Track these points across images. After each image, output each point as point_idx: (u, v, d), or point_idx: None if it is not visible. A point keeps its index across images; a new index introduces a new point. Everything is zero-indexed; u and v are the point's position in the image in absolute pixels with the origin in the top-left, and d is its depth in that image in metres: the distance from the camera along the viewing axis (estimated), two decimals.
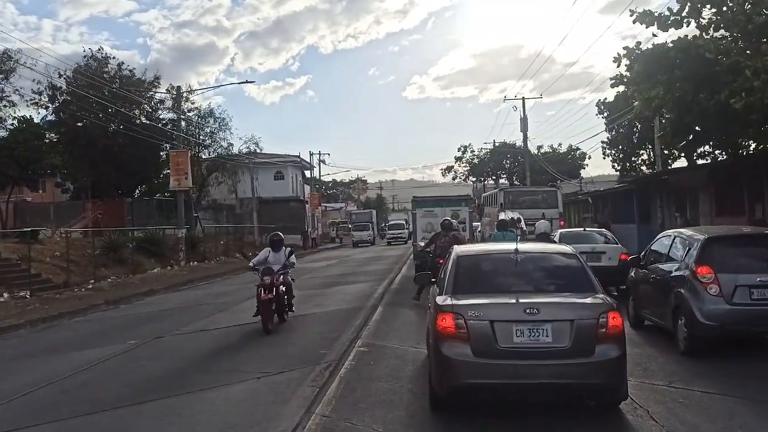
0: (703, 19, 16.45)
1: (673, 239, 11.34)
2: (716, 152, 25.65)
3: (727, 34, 16.97)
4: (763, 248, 10.19)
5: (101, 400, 8.59)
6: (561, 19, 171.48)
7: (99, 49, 40.43)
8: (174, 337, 13.43)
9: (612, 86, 18.94)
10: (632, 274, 12.83)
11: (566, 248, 8.36)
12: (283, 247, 14.32)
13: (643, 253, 12.68)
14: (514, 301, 6.97)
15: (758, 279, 9.50)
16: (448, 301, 7.15)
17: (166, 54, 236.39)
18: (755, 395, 8.00)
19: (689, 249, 10.44)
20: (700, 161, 28.78)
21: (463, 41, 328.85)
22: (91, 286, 22.96)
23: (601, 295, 7.22)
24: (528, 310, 6.75)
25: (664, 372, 9.11)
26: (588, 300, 7.11)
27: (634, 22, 17.04)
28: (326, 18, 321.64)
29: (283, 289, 13.70)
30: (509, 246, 8.14)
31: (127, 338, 13.35)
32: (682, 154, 33.11)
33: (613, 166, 49.69)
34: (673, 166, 33.63)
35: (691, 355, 9.82)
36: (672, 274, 10.69)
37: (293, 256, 14.34)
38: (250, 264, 14.57)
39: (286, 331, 13.42)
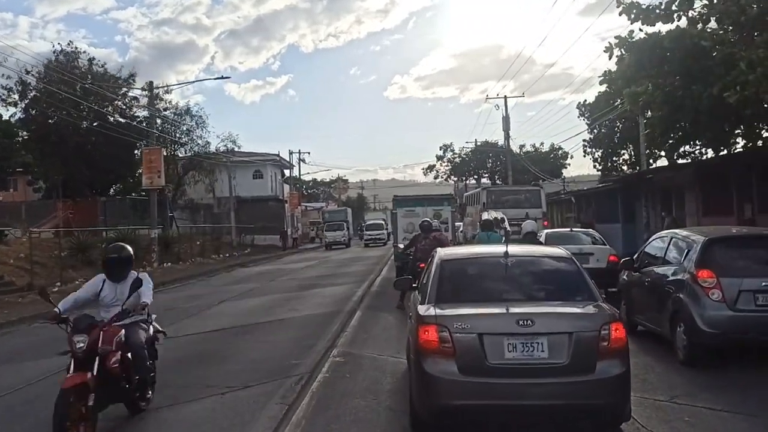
0: (694, 11, 15.86)
1: (670, 240, 10.64)
2: (702, 150, 25.17)
3: (718, 26, 16.40)
4: None
5: (45, 420, 7.69)
6: (541, 20, 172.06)
7: (69, 44, 39.40)
8: None
9: (601, 83, 18.33)
10: (624, 276, 12.13)
11: (560, 251, 7.60)
12: (132, 272, 7.71)
13: (636, 255, 11.99)
14: (505, 311, 6.21)
15: (763, 283, 8.82)
16: (431, 311, 6.36)
17: (144, 52, 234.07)
18: (765, 411, 7.32)
19: (688, 251, 9.74)
20: (680, 161, 28.36)
21: (444, 41, 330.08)
22: (56, 289, 21.86)
23: (602, 304, 6.48)
24: (521, 322, 5.98)
25: (665, 384, 8.40)
26: (588, 309, 6.36)
27: (620, 14, 16.44)
28: (307, 17, 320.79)
29: (122, 356, 6.98)
30: (498, 249, 7.37)
31: None
32: (663, 153, 32.85)
33: (595, 166, 49.43)
34: (655, 165, 33.24)
35: (691, 365, 9.14)
36: (669, 278, 10.00)
37: (148, 287, 7.53)
38: (57, 309, 7.20)
39: (256, 339, 12.58)
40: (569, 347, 5.92)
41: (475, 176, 70.71)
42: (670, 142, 19.71)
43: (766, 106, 14.90)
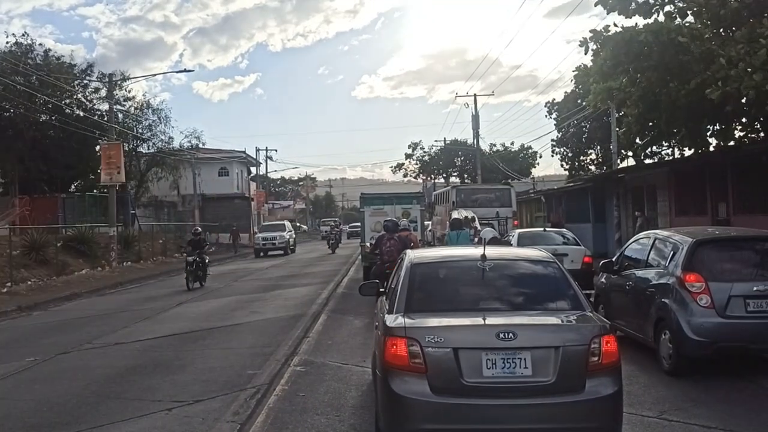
0: (674, 4, 15.39)
1: (653, 242, 10.01)
2: (675, 150, 24.82)
3: (695, 21, 15.96)
4: (759, 253, 8.92)
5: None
6: (507, 22, 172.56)
7: (23, 35, 37.87)
8: (82, 353, 11.61)
9: (576, 78, 17.82)
10: (603, 279, 11.52)
11: (542, 253, 6.92)
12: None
13: (616, 257, 11.39)
14: (483, 322, 5.50)
15: (755, 288, 8.25)
16: (400, 322, 5.60)
17: (112, 49, 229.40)
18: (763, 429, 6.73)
19: (674, 253, 9.11)
20: (647, 161, 28.07)
21: (411, 42, 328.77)
22: (6, 290, 20.79)
23: (590, 313, 5.80)
24: (501, 335, 5.28)
25: (652, 397, 7.75)
26: (576, 320, 5.68)
27: (596, 5, 15.99)
28: (276, 16, 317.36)
29: None
30: (474, 251, 6.65)
31: (28, 353, 11.44)
32: (630, 154, 32.65)
33: (562, 165, 49.25)
34: (624, 164, 32.98)
35: (677, 375, 8.53)
36: (653, 282, 9.38)
37: None
38: None
39: (211, 345, 11.75)
40: (556, 363, 5.24)
41: (444, 175, 70.13)
42: (646, 140, 19.22)
43: (743, 101, 14.43)
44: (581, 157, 46.51)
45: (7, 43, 36.76)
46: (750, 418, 6.94)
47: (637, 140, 21.72)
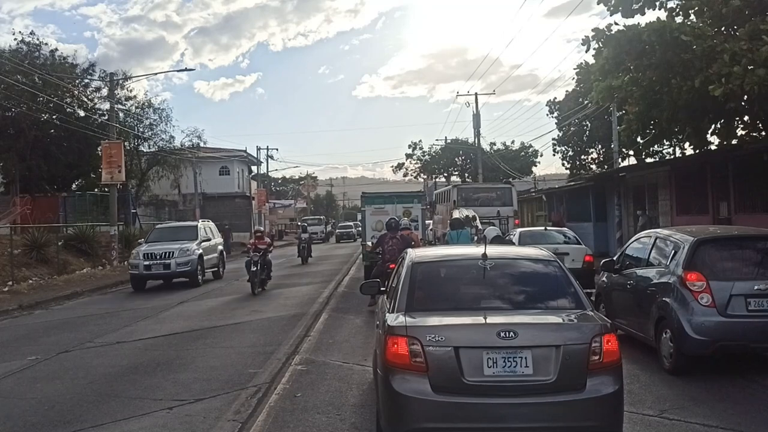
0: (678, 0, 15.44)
1: (654, 241, 10.02)
2: (677, 148, 24.83)
3: (696, 19, 15.97)
4: (761, 252, 8.91)
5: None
6: (507, 22, 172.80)
7: (30, 33, 37.88)
8: (84, 351, 11.62)
9: (576, 75, 17.84)
10: (604, 278, 11.54)
11: (543, 252, 6.92)
12: None
13: (617, 256, 11.39)
14: (483, 321, 5.50)
15: (756, 287, 8.26)
16: (401, 321, 5.60)
17: (114, 49, 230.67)
18: (763, 428, 6.73)
19: (675, 253, 9.12)
20: (649, 160, 28.12)
21: (412, 42, 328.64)
22: (7, 289, 20.80)
23: (591, 312, 5.80)
24: (502, 334, 5.28)
25: (652, 396, 7.76)
26: (576, 319, 5.68)
27: (598, 3, 16.04)
28: (277, 16, 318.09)
29: None
30: (475, 250, 6.66)
31: (30, 352, 11.46)
32: (632, 153, 32.72)
33: (563, 164, 49.21)
34: (626, 163, 33.01)
35: (678, 374, 8.54)
36: (654, 281, 9.38)
37: None
38: None
39: (213, 344, 11.75)
40: (557, 362, 5.24)
41: (445, 174, 70.14)
42: (647, 138, 19.23)
43: (745, 99, 14.44)
44: (582, 156, 46.47)
45: (15, 39, 36.82)
46: (751, 417, 6.95)
47: (638, 139, 21.71)
